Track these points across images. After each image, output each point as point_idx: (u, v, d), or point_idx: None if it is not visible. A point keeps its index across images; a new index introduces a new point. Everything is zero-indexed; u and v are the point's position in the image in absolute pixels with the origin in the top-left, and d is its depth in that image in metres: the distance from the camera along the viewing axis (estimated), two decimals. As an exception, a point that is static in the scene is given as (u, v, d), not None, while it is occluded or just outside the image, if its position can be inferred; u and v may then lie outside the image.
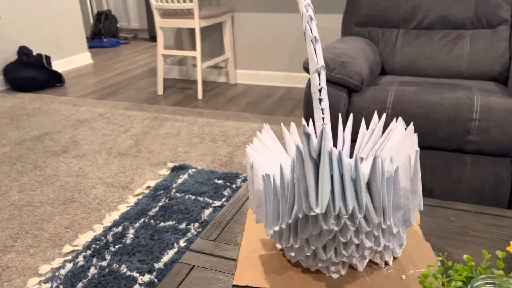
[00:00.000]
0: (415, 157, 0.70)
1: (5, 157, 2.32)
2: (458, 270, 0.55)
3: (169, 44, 3.70)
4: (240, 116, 2.84)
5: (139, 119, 2.81)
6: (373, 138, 0.86)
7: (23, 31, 3.69)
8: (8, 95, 3.40)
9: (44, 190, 1.98)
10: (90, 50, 5.06)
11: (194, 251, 0.84)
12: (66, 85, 3.67)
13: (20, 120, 2.86)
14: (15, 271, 1.47)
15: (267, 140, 0.84)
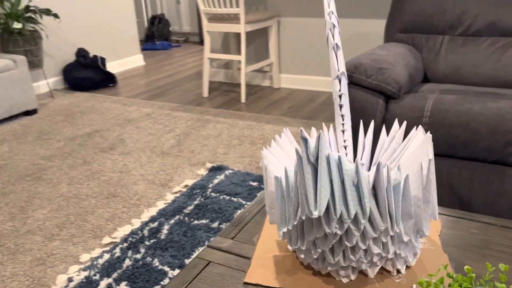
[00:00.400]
0: (428, 166, 0.70)
1: (59, 152, 2.48)
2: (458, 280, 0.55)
3: (216, 48, 3.80)
4: (280, 120, 2.86)
5: (183, 120, 2.90)
6: (392, 145, 0.86)
7: (81, 34, 3.91)
8: (66, 93, 3.62)
9: (90, 184, 2.10)
10: (143, 52, 5.28)
11: (211, 247, 0.88)
12: (119, 86, 3.86)
13: (74, 117, 3.04)
14: (59, 258, 1.58)
15: (285, 144, 0.86)
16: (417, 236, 0.77)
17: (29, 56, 3.21)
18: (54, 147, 2.55)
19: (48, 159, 2.40)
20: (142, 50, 5.41)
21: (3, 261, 1.57)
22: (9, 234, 1.73)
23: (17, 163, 2.36)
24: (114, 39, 4.26)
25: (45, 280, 1.47)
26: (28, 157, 2.43)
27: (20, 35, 3.14)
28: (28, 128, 2.86)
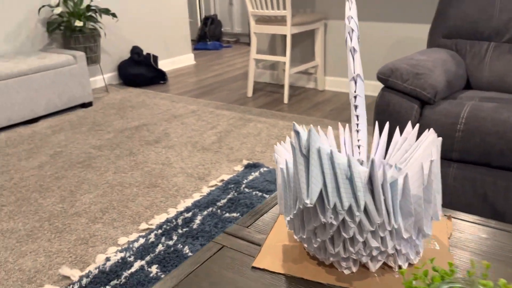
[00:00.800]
0: (429, 167, 0.72)
1: (108, 143, 2.65)
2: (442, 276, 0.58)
3: (263, 49, 3.87)
4: (320, 122, 2.89)
5: (226, 118, 3.00)
6: (404, 146, 0.89)
7: (136, 32, 4.13)
8: (120, 89, 3.84)
9: (134, 174, 2.23)
10: (194, 52, 5.46)
11: (227, 233, 0.95)
12: (169, 83, 4.03)
13: (125, 111, 3.22)
14: (99, 239, 1.71)
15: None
16: (419, 235, 0.79)
17: (88, 53, 3.44)
18: (105, 138, 2.73)
19: (98, 148, 2.57)
20: (194, 50, 5.59)
21: (51, 238, 1.72)
22: (59, 214, 1.89)
23: (71, 151, 2.55)
24: (167, 38, 4.45)
25: (86, 258, 1.60)
26: (81, 145, 2.62)
27: (80, 33, 3.37)
28: (83, 119, 3.07)
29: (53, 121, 3.06)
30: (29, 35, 3.37)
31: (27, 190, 2.10)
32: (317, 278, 0.80)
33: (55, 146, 2.63)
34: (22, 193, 2.08)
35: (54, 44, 3.54)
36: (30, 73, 2.94)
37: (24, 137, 2.78)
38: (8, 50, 3.27)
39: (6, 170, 2.33)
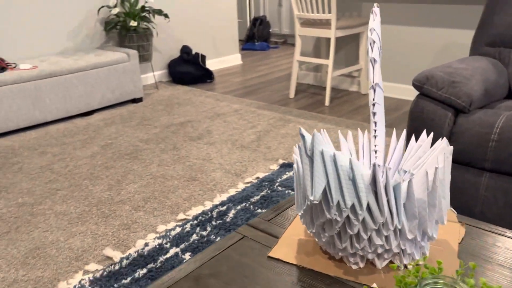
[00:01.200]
0: (435, 173, 0.77)
1: (154, 137, 2.81)
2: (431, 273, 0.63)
3: (307, 51, 3.93)
4: (360, 125, 2.91)
5: (266, 118, 3.09)
6: (418, 153, 0.93)
7: (186, 32, 4.30)
8: (169, 86, 4.02)
9: (176, 167, 2.37)
10: (242, 52, 5.59)
11: (249, 225, 1.03)
12: (215, 82, 4.17)
13: (172, 107, 3.39)
14: (140, 225, 1.85)
15: (320, 143, 0.98)
16: (424, 237, 0.84)
17: (140, 51, 3.64)
18: (151, 132, 2.89)
19: (145, 142, 2.73)
20: (241, 50, 5.72)
21: (98, 222, 1.88)
22: (106, 201, 2.05)
23: (120, 143, 2.73)
24: (216, 39, 4.60)
25: (127, 242, 1.74)
26: (129, 138, 2.79)
27: (135, 32, 3.57)
28: (133, 114, 3.26)
29: (106, 114, 3.28)
30: (89, 34, 3.61)
31: (79, 177, 2.29)
32: (326, 270, 0.87)
33: (106, 138, 2.82)
34: (75, 180, 2.27)
35: (110, 42, 3.77)
36: (87, 69, 3.17)
37: (79, 128, 3.00)
38: (69, 47, 3.52)
39: (63, 158, 2.54)
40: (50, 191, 2.16)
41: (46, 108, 3.01)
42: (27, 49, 3.29)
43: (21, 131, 2.98)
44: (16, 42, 3.22)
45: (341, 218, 0.74)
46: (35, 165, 2.46)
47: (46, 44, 3.38)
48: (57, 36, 3.43)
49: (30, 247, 1.73)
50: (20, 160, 2.53)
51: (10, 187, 2.21)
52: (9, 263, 1.64)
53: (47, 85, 2.98)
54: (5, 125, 2.84)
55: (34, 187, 2.20)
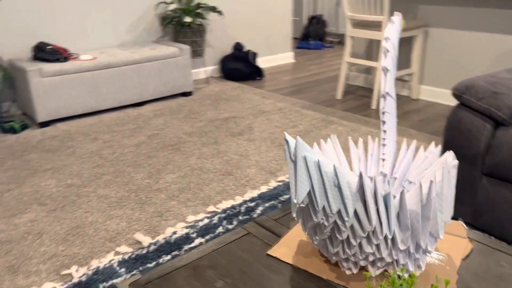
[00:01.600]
0: (430, 186, 0.77)
1: (198, 130, 2.92)
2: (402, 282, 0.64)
3: (359, 53, 3.87)
4: (405, 131, 2.84)
5: (309, 118, 3.09)
6: (424, 164, 0.93)
7: (240, 29, 4.38)
8: (219, 81, 4.13)
9: (214, 161, 2.45)
10: (296, 50, 5.59)
11: (256, 222, 1.07)
12: (264, 79, 4.22)
13: (219, 103, 3.48)
14: (172, 214, 1.94)
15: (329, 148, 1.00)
16: (418, 250, 0.84)
17: (193, 46, 3.77)
18: (196, 125, 3.00)
19: (189, 134, 2.84)
20: (296, 48, 5.73)
21: (134, 208, 2.00)
22: (144, 188, 2.17)
23: (166, 134, 2.86)
24: (269, 37, 4.64)
25: (158, 229, 1.83)
26: (175, 130, 2.92)
27: (189, 28, 3.70)
28: (181, 107, 3.39)
29: (157, 106, 3.43)
30: (146, 28, 3.79)
31: (123, 164, 2.43)
32: (319, 273, 0.89)
33: (154, 128, 2.96)
34: (119, 166, 2.41)
35: (166, 36, 3.93)
36: (142, 62, 3.33)
37: (130, 118, 3.17)
38: (127, 40, 3.72)
39: (111, 145, 2.71)
40: (96, 175, 2.32)
41: (102, 97, 3.21)
42: (89, 41, 3.51)
43: (78, 117, 3.19)
44: (80, 34, 3.45)
45: (328, 223, 0.76)
46: (87, 150, 2.63)
47: (107, 37, 3.59)
48: (117, 30, 3.63)
49: (72, 225, 1.87)
50: (74, 144, 2.72)
51: (62, 168, 2.40)
52: (52, 238, 1.79)
53: (104, 76, 3.18)
54: (65, 111, 3.06)
55: (82, 170, 2.37)
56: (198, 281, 0.87)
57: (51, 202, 2.06)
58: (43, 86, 2.93)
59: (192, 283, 0.87)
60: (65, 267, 1.62)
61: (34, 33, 3.23)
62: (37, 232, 1.83)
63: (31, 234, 1.82)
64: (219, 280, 0.87)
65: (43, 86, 2.93)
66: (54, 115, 3.02)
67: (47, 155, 2.57)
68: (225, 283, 0.86)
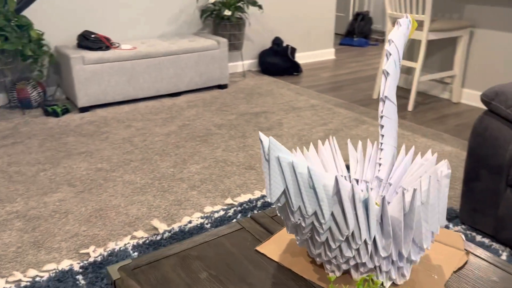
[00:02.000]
0: (413, 195, 0.76)
1: (228, 123, 2.96)
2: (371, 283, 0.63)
3: (400, 52, 3.76)
4: (439, 136, 2.75)
5: (341, 117, 3.06)
6: (419, 171, 0.91)
7: (280, 24, 4.37)
8: (255, 75, 4.15)
9: (238, 155, 2.48)
10: (339, 47, 5.51)
11: (252, 218, 1.09)
12: (302, 75, 4.20)
13: (252, 97, 3.51)
14: (190, 203, 1.99)
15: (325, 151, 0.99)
16: (402, 258, 0.82)
17: (232, 39, 3.80)
18: (226, 118, 3.04)
19: (218, 127, 2.89)
20: (339, 45, 5.64)
21: (156, 195, 2.07)
22: (167, 177, 2.24)
23: (196, 125, 2.92)
24: (310, 32, 4.60)
25: (175, 217, 1.89)
26: (205, 122, 2.97)
27: (228, 21, 3.74)
28: (215, 99, 3.45)
29: (191, 97, 3.50)
30: (187, 20, 3.87)
31: (152, 152, 2.51)
32: (302, 273, 0.89)
33: (185, 119, 3.03)
34: (147, 154, 2.49)
35: (206, 29, 4.00)
36: (179, 53, 3.41)
37: (165, 108, 3.26)
38: (168, 32, 3.81)
39: (143, 132, 2.80)
40: (124, 161, 2.41)
41: (139, 86, 3.31)
42: (132, 31, 3.63)
43: (115, 104, 3.32)
44: (122, 24, 3.57)
45: (305, 224, 0.76)
46: (119, 136, 2.74)
47: (148, 28, 3.70)
48: (159, 21, 3.73)
49: (96, 207, 1.97)
50: (109, 130, 2.84)
51: (94, 152, 2.51)
52: (76, 218, 1.88)
53: (142, 65, 3.28)
54: (103, 97, 3.20)
55: (113, 156, 2.47)
56: (184, 270, 0.90)
57: (80, 184, 2.17)
58: (85, 73, 3.07)
59: (177, 271, 0.90)
60: (84, 247, 1.70)
61: (80, 22, 3.38)
62: (63, 211, 1.94)
63: (58, 212, 1.93)
64: (203, 271, 0.90)
65: (84, 73, 3.07)
66: (93, 101, 3.16)
67: (83, 139, 2.69)
68: (209, 275, 0.89)
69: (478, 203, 1.68)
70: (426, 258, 0.93)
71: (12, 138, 2.70)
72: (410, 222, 0.77)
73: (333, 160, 0.99)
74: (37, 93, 3.16)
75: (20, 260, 1.63)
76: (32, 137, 2.72)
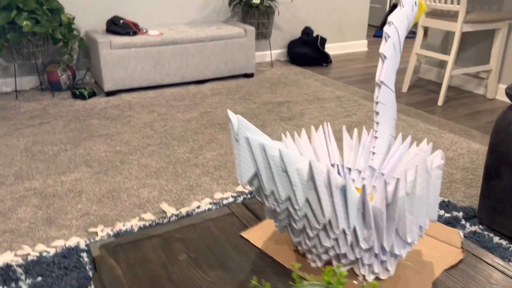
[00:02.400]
0: (396, 185, 0.71)
1: (249, 112, 2.93)
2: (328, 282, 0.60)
3: (434, 45, 3.61)
4: (467, 132, 2.62)
5: (366, 109, 2.97)
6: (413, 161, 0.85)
7: (311, 13, 4.29)
8: (283, 65, 4.10)
9: (256, 143, 2.45)
10: (372, 38, 5.36)
11: (243, 204, 1.06)
12: (331, 66, 4.11)
13: (278, 86, 3.46)
14: (202, 189, 1.99)
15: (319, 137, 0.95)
16: (385, 252, 0.78)
17: (260, 28, 3.76)
18: (249, 107, 3.02)
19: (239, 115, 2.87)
20: (373, 37, 5.49)
21: (169, 179, 2.08)
22: (183, 162, 2.24)
23: (217, 112, 2.91)
24: (342, 23, 4.49)
25: (185, 202, 1.89)
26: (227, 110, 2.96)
27: (257, 9, 3.70)
28: (239, 88, 3.43)
29: (216, 85, 3.50)
30: (216, 8, 3.86)
31: (170, 137, 2.53)
32: (283, 261, 0.86)
33: (208, 106, 3.03)
34: (166, 139, 2.51)
35: (235, 17, 3.97)
36: (205, 41, 3.40)
37: (189, 94, 3.27)
38: (197, 19, 3.82)
39: (164, 118, 2.82)
40: (143, 144, 2.44)
41: (165, 72, 3.34)
42: (161, 17, 3.66)
43: (141, 89, 3.36)
44: (152, 10, 3.60)
45: (280, 209, 0.73)
46: (141, 120, 2.77)
47: (178, 14, 3.71)
48: (188, 8, 3.74)
49: (109, 188, 2.00)
50: (132, 114, 2.88)
51: (115, 135, 2.55)
52: (89, 198, 1.92)
53: (169, 51, 3.30)
54: (129, 82, 3.24)
55: (132, 139, 2.50)
56: (164, 251, 0.89)
57: (97, 165, 2.21)
58: (112, 57, 3.12)
59: (157, 252, 0.89)
60: (93, 226, 1.73)
61: (111, 8, 3.44)
62: (78, 190, 1.98)
63: (73, 191, 1.97)
64: (183, 253, 0.88)
65: (111, 57, 3.12)
66: (119, 86, 3.21)
67: (106, 122, 2.74)
68: (188, 257, 0.87)
69: (498, 202, 1.59)
70: (417, 254, 0.88)
71: (40, 119, 2.79)
72: (393, 213, 0.73)
73: (325, 147, 0.95)
74: (67, 76, 3.24)
75: (31, 235, 1.68)
76: (59, 118, 2.80)
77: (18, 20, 2.78)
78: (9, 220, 1.76)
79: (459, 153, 2.34)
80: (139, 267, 0.84)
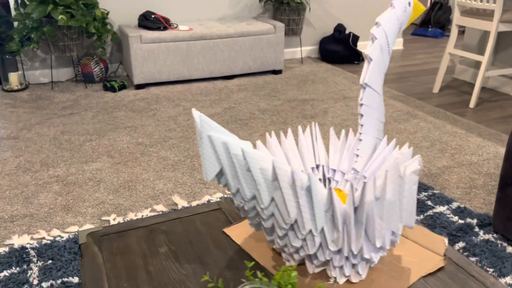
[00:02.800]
0: (363, 188, 0.70)
1: (272, 108, 2.94)
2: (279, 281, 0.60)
3: (471, 44, 3.48)
4: (497, 136, 2.51)
5: (393, 109, 2.90)
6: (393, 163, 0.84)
7: (344, 10, 4.22)
8: (313, 62, 4.07)
9: (275, 140, 2.46)
10: (410, 37, 5.22)
11: (231, 200, 1.08)
12: (362, 64, 4.04)
13: (305, 84, 3.44)
14: (215, 183, 2.01)
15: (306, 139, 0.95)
16: (356, 256, 0.77)
17: (291, 24, 3.75)
18: (272, 103, 3.02)
19: (262, 111, 2.88)
20: (411, 35, 5.34)
21: (184, 172, 2.12)
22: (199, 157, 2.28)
23: (241, 108, 2.94)
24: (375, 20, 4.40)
25: (197, 195, 1.93)
26: (251, 106, 2.98)
27: (287, 5, 3.69)
28: (266, 84, 3.43)
29: (243, 80, 3.52)
30: (247, 3, 3.87)
31: (191, 131, 2.58)
32: (259, 258, 0.87)
33: (232, 101, 3.06)
34: (187, 133, 2.56)
35: (266, 13, 3.98)
36: (234, 37, 3.43)
37: (216, 90, 3.31)
38: (228, 15, 3.85)
39: (189, 112, 2.87)
40: (164, 138, 2.50)
41: (193, 67, 3.39)
42: (192, 13, 3.71)
43: (169, 83, 3.44)
44: (184, 6, 3.66)
45: (247, 207, 0.74)
46: (166, 114, 2.84)
47: (209, 10, 3.76)
48: (220, 4, 3.78)
49: (126, 179, 2.07)
50: (157, 107, 2.95)
51: (138, 127, 2.63)
52: (106, 188, 1.99)
53: (197, 47, 3.35)
54: (158, 76, 3.32)
55: (154, 132, 2.57)
56: (146, 243, 0.92)
57: (118, 156, 2.28)
58: (142, 51, 3.21)
59: (140, 243, 0.92)
60: (107, 214, 1.80)
61: (144, 3, 3.53)
62: (97, 179, 2.06)
63: (92, 180, 2.05)
64: (165, 246, 0.91)
65: (141, 51, 3.20)
66: (149, 79, 3.29)
67: (132, 114, 2.83)
68: (168, 249, 0.90)
69: (509, 210, 1.53)
70: (396, 259, 0.86)
71: (71, 109, 2.91)
72: (361, 217, 0.72)
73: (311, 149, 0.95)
74: (100, 68, 3.36)
75: (49, 220, 1.76)
76: (88, 109, 2.91)
77: (54, 14, 2.90)
78: (30, 204, 1.86)
79: (484, 158, 2.25)
80: (120, 256, 0.88)
